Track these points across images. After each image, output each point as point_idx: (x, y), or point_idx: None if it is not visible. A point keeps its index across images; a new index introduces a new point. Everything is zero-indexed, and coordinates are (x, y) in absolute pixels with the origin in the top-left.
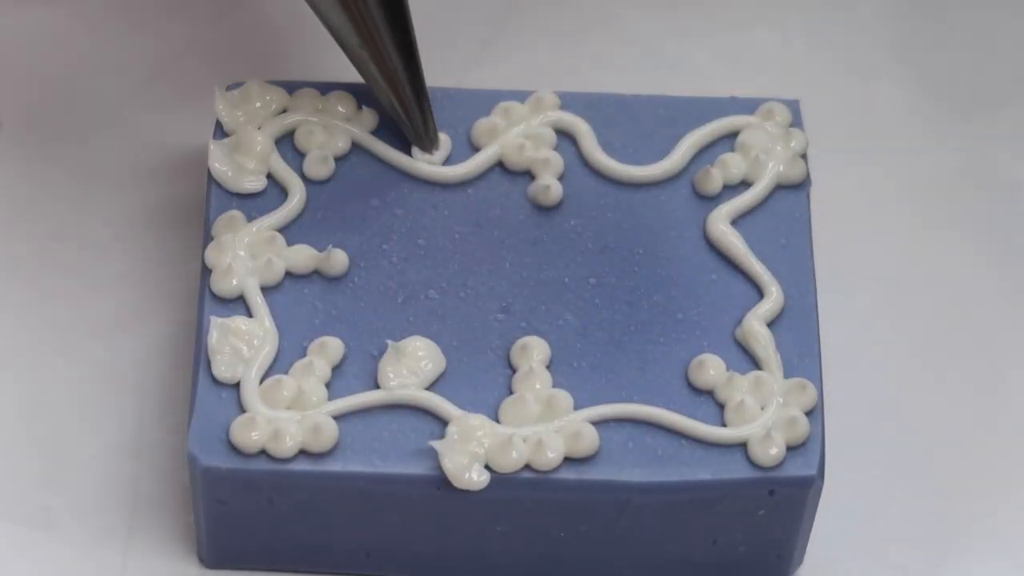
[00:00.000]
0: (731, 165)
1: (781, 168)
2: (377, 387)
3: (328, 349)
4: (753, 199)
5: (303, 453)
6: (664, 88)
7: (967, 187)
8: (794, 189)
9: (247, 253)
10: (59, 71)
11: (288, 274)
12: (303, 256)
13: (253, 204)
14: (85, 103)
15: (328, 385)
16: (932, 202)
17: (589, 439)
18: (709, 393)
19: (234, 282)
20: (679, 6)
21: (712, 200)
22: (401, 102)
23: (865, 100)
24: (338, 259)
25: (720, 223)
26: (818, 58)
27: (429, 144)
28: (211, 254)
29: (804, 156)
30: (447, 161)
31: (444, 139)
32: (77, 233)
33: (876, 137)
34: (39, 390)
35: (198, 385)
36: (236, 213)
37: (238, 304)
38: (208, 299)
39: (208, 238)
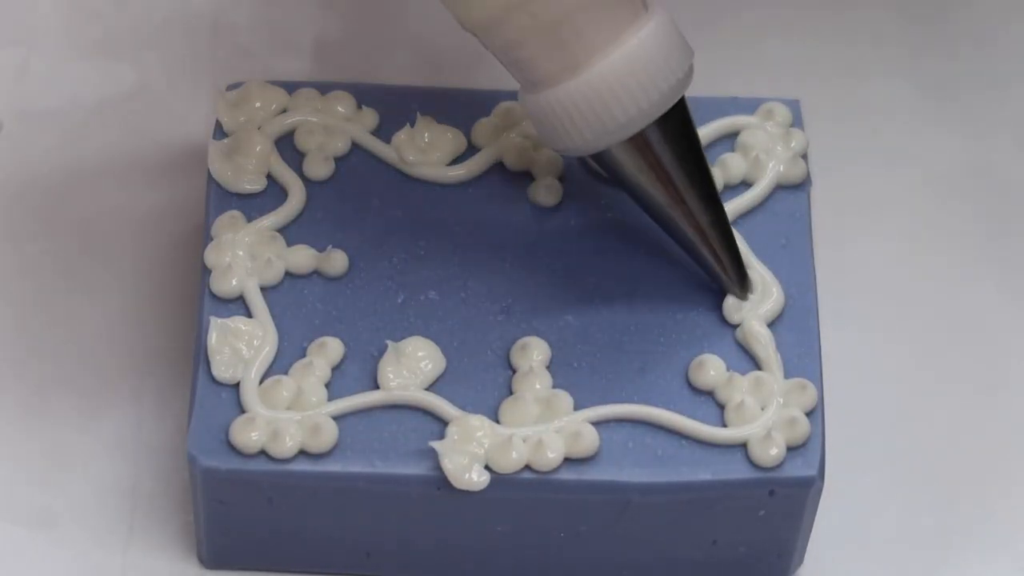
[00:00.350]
0: (731, 165)
1: (781, 168)
2: (377, 387)
3: (328, 349)
4: (753, 199)
5: (303, 453)
6: None
7: (967, 187)
8: (794, 189)
9: (247, 253)
10: (59, 71)
11: (288, 274)
12: (303, 256)
13: (253, 204)
14: (84, 103)
15: (328, 385)
16: (932, 202)
17: (589, 439)
18: (709, 393)
19: (234, 282)
20: (679, 6)
21: None
22: (715, 256)
23: (865, 100)
24: (338, 259)
25: None
26: (818, 58)
27: (744, 291)
28: (211, 254)
29: (804, 156)
30: (451, 162)
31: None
32: (76, 233)
33: (876, 137)
34: (39, 390)
35: (197, 385)
36: (236, 213)
37: (238, 304)
38: (208, 299)
39: (208, 238)
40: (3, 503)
